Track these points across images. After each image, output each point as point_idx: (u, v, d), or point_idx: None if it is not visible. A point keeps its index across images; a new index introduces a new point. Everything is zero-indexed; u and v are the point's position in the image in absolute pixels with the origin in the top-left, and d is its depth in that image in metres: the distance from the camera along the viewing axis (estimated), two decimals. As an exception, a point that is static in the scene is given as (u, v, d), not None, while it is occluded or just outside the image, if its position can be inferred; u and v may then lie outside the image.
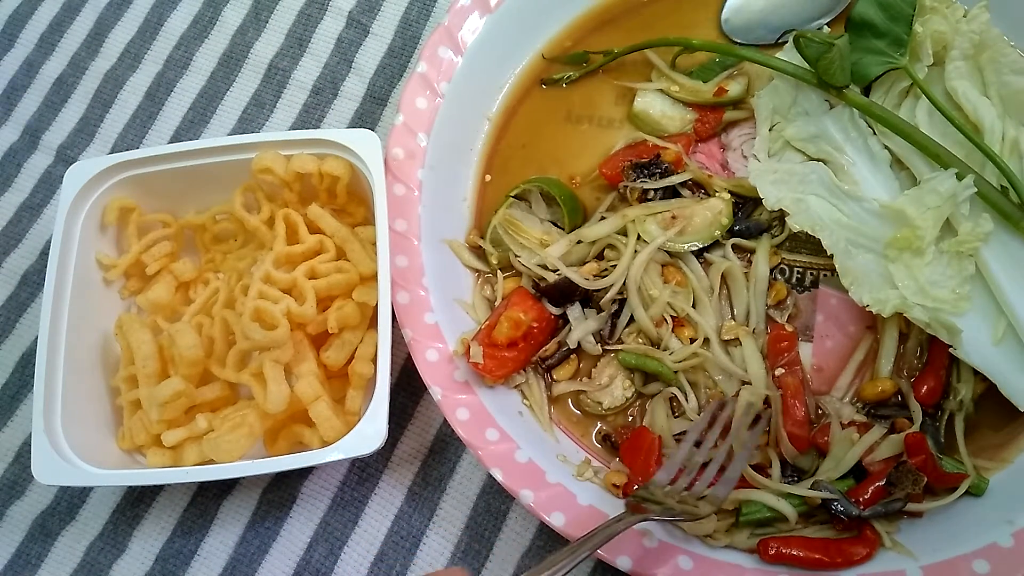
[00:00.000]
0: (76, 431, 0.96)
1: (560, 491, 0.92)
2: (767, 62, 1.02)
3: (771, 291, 1.00)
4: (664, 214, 1.01)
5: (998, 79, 0.95)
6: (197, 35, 1.29)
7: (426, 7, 1.25)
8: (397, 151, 1.06)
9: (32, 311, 1.17)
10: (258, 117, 1.23)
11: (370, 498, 1.03)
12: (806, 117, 1.01)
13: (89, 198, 1.03)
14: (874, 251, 0.94)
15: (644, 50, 1.10)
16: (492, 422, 0.95)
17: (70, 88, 1.28)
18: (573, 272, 0.98)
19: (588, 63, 1.13)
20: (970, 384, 0.93)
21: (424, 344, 0.97)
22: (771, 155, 1.03)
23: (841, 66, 0.94)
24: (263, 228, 1.03)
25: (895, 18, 0.96)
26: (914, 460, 0.88)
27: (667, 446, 0.95)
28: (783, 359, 0.96)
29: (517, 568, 0.98)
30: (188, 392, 0.96)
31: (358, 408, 0.98)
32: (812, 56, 0.95)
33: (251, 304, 0.93)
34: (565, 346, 1.00)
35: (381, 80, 1.23)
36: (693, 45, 1.07)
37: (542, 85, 1.14)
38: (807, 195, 0.97)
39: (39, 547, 1.05)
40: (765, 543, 0.88)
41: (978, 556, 0.85)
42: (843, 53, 0.94)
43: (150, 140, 1.24)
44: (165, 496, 1.06)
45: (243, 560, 1.02)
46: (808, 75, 0.98)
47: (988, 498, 0.91)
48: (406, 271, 1.01)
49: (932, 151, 0.92)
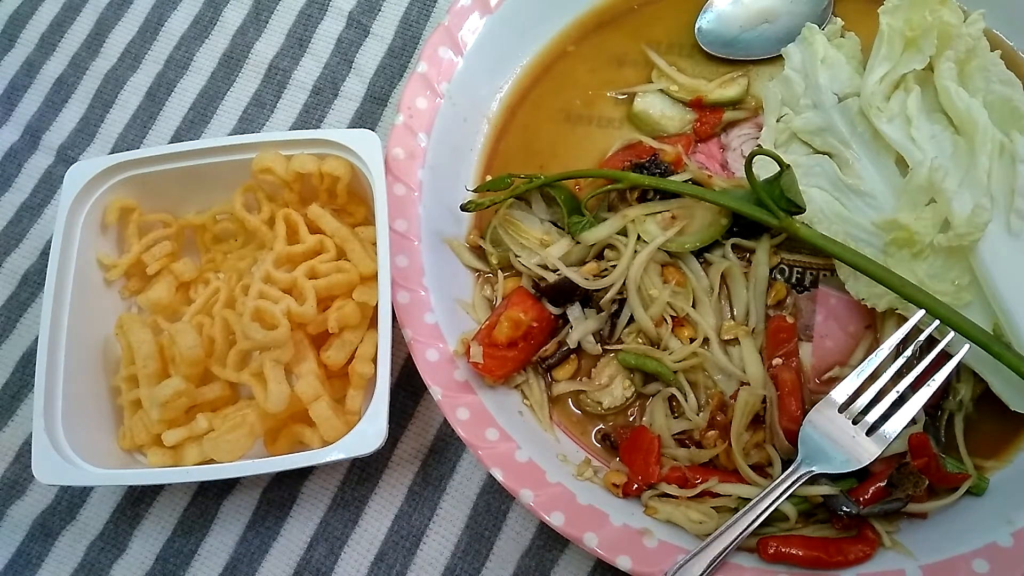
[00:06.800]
0: (76, 431, 0.96)
1: (560, 491, 0.92)
2: (703, 195, 0.98)
3: (771, 291, 1.00)
4: (664, 214, 1.01)
5: (986, 86, 0.95)
6: (197, 35, 1.29)
7: (426, 7, 1.25)
8: (397, 151, 1.06)
9: (32, 311, 1.17)
10: (258, 117, 1.24)
11: (370, 498, 1.03)
12: (814, 110, 1.01)
13: (89, 198, 1.04)
14: (873, 245, 0.94)
15: (574, 177, 1.04)
16: (492, 422, 0.95)
17: (71, 88, 1.28)
18: (573, 272, 0.99)
19: (512, 187, 1.02)
20: (970, 384, 0.93)
21: (424, 344, 0.97)
22: (777, 146, 1.03)
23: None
24: (263, 228, 1.03)
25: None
26: (918, 461, 0.88)
27: (666, 446, 0.95)
28: (782, 350, 0.96)
29: (517, 568, 0.98)
30: (188, 392, 0.96)
31: (358, 408, 0.98)
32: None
33: (251, 304, 0.93)
34: (565, 346, 1.00)
35: (381, 80, 1.23)
36: (627, 180, 1.00)
37: (461, 210, 1.03)
38: (810, 187, 0.98)
39: (39, 547, 1.05)
40: (765, 542, 0.88)
41: (978, 556, 0.85)
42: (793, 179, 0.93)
43: (150, 140, 1.24)
44: (165, 496, 1.06)
45: (243, 560, 1.02)
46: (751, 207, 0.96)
47: (988, 498, 0.91)
48: (406, 271, 1.01)
49: (906, 292, 0.90)
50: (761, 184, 0.93)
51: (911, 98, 0.96)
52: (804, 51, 1.02)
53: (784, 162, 0.90)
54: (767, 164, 0.92)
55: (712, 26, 1.13)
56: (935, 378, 0.89)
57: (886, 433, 0.89)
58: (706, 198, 0.98)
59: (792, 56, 1.03)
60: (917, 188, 0.92)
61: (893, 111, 0.96)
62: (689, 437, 0.96)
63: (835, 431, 0.90)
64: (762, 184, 0.93)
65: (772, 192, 0.93)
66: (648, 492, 0.93)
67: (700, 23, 1.13)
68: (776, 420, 0.93)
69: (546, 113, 1.13)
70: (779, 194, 0.92)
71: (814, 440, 0.90)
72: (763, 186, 0.93)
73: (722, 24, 1.13)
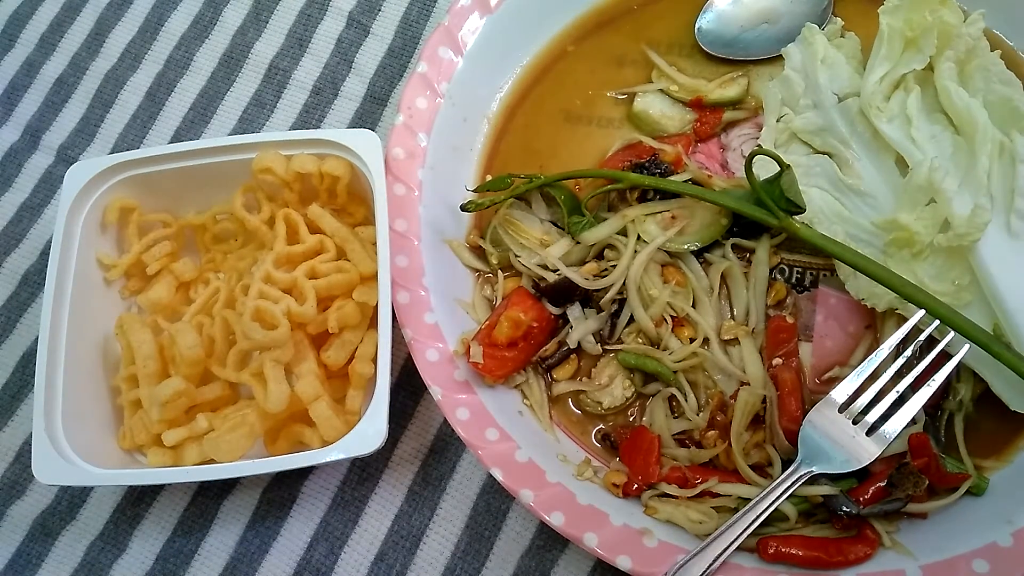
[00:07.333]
0: (77, 431, 0.96)
1: (560, 491, 0.92)
2: (703, 195, 0.98)
3: (771, 291, 1.00)
4: (664, 214, 1.01)
5: (986, 86, 0.95)
6: (197, 35, 1.29)
7: (426, 7, 1.25)
8: (397, 151, 1.06)
9: (32, 311, 1.17)
10: (258, 117, 1.24)
11: (370, 498, 1.03)
12: (815, 110, 1.01)
13: (89, 198, 1.03)
14: (873, 245, 0.94)
15: (573, 177, 1.04)
16: (492, 422, 0.95)
17: (71, 88, 1.28)
18: (573, 272, 0.99)
19: (513, 187, 1.02)
20: (970, 384, 0.93)
21: (424, 344, 0.97)
22: (777, 146, 1.03)
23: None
24: (263, 228, 1.03)
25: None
26: (918, 461, 0.88)
27: (666, 446, 0.95)
28: (782, 350, 0.96)
29: (517, 568, 0.98)
30: (188, 392, 0.96)
31: (358, 408, 0.98)
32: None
33: (251, 304, 0.93)
34: (565, 346, 1.00)
35: (381, 80, 1.23)
36: (627, 180, 1.00)
37: (461, 210, 1.02)
38: (810, 187, 0.98)
39: (39, 547, 1.05)
40: (764, 542, 0.88)
41: (977, 556, 0.85)
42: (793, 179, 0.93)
43: (150, 140, 1.24)
44: (165, 496, 1.06)
45: (243, 560, 1.02)
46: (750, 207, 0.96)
47: (988, 498, 0.91)
48: (406, 271, 1.01)
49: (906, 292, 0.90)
50: (761, 184, 0.93)
51: (911, 98, 0.96)
52: (804, 51, 1.02)
53: (784, 162, 0.90)
54: (767, 164, 0.91)
55: (712, 26, 1.13)
56: (935, 378, 0.89)
57: (886, 433, 0.89)
58: (706, 198, 0.98)
59: (792, 56, 1.03)
60: (917, 188, 0.92)
61: (893, 111, 0.96)
62: (689, 437, 0.96)
63: (835, 431, 0.90)
64: (762, 184, 0.93)
65: (772, 192, 0.93)
66: (648, 492, 0.93)
67: (700, 23, 1.13)
68: (776, 420, 0.93)
69: (546, 113, 1.13)
70: (779, 194, 0.92)
71: (814, 440, 0.90)
72: (763, 186, 0.93)
73: (722, 24, 1.13)
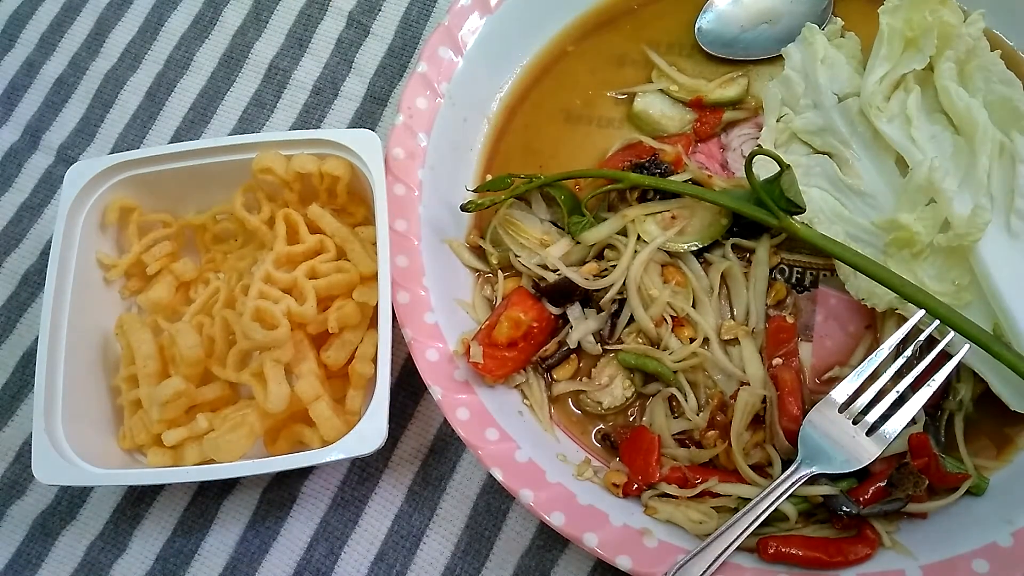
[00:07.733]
0: (77, 431, 0.96)
1: (560, 491, 0.92)
2: (703, 195, 0.98)
3: (771, 291, 1.00)
4: (664, 214, 1.01)
5: (986, 87, 0.95)
6: (197, 35, 1.29)
7: (426, 7, 1.25)
8: (397, 151, 1.06)
9: (32, 311, 1.17)
10: (258, 117, 1.24)
11: (370, 498, 1.03)
12: (815, 110, 1.01)
13: (89, 198, 1.03)
14: (873, 245, 0.94)
15: (571, 178, 1.04)
16: (492, 422, 0.95)
17: (70, 88, 1.28)
18: (573, 272, 0.99)
19: (513, 187, 1.02)
20: (970, 384, 0.93)
21: (424, 344, 0.97)
22: (777, 146, 1.03)
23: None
24: (263, 228, 1.03)
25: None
26: (918, 461, 0.88)
27: (666, 446, 0.95)
28: (782, 350, 0.96)
29: (517, 568, 0.98)
30: (188, 392, 0.96)
31: (358, 408, 0.98)
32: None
33: (251, 304, 0.93)
34: (565, 346, 1.00)
35: (381, 80, 1.23)
36: (627, 180, 1.00)
37: (461, 210, 1.02)
38: (810, 187, 0.98)
39: (39, 547, 1.05)
40: (764, 542, 0.88)
41: (977, 556, 0.85)
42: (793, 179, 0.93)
43: (150, 140, 1.24)
44: (165, 496, 1.06)
45: (243, 560, 1.02)
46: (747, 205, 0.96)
47: (988, 498, 0.91)
48: (406, 271, 1.01)
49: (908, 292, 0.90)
50: (761, 184, 0.93)
51: (911, 98, 0.96)
52: (804, 51, 1.02)
53: (784, 162, 0.90)
54: (767, 164, 0.91)
55: (712, 26, 1.13)
56: (935, 378, 0.89)
57: (886, 433, 0.89)
58: (706, 198, 0.98)
59: (792, 56, 1.03)
60: (917, 188, 0.92)
61: (893, 111, 0.96)
62: (689, 437, 0.96)
63: (835, 431, 0.90)
64: (762, 184, 0.93)
65: (772, 192, 0.93)
66: (648, 492, 0.93)
67: (700, 23, 1.13)
68: (776, 420, 0.93)
69: (546, 113, 1.13)
70: (779, 194, 0.92)
71: (814, 440, 0.90)
72: (763, 186, 0.93)
73: (722, 24, 1.13)
